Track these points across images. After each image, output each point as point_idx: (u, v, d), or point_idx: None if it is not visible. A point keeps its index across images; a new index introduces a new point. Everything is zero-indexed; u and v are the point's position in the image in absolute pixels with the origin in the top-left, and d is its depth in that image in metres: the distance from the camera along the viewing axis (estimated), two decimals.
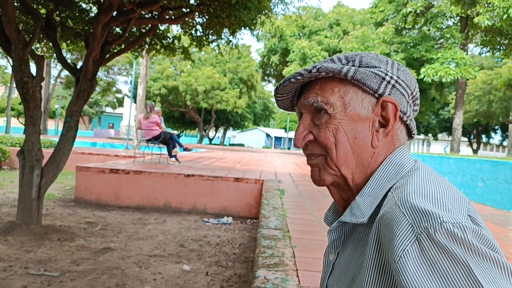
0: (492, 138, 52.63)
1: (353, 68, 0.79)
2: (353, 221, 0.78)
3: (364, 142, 0.80)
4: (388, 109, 0.80)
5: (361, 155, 0.80)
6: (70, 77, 38.86)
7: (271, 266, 2.85)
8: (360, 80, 0.79)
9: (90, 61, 5.44)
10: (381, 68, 0.81)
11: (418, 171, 0.77)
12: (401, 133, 0.83)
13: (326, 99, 0.81)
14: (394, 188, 0.75)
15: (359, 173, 0.81)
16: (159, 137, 9.77)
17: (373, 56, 0.83)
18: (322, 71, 0.80)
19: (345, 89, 0.81)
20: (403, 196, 0.67)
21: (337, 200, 0.87)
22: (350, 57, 0.83)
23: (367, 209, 0.78)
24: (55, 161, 5.44)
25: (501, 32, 20.57)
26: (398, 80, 0.81)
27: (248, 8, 5.10)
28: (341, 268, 0.81)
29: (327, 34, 27.05)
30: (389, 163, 0.80)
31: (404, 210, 0.64)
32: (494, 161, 7.13)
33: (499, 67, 33.13)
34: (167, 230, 6.09)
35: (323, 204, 6.14)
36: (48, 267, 4.17)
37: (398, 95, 0.81)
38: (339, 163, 0.80)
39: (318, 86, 0.83)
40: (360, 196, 0.80)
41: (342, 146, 0.80)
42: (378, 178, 0.79)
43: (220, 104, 37.66)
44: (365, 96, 0.80)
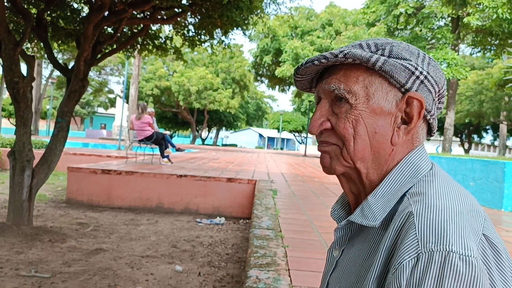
0: (484, 138, 53.06)
1: (382, 58, 0.75)
2: (363, 223, 0.75)
3: (383, 137, 0.76)
4: (413, 106, 0.75)
5: (379, 151, 0.77)
6: (61, 78, 38.60)
7: (263, 266, 2.85)
8: (388, 72, 0.75)
9: (82, 61, 5.41)
10: (411, 61, 0.76)
11: (437, 178, 0.74)
12: (422, 132, 0.80)
13: (349, 88, 0.76)
14: (411, 193, 0.72)
15: (374, 170, 0.78)
16: (151, 138, 9.74)
17: (405, 47, 0.78)
18: (349, 57, 0.75)
19: (370, 79, 0.76)
20: (421, 207, 0.65)
21: (347, 191, 0.84)
22: (380, 45, 0.78)
23: (379, 212, 0.74)
24: (46, 162, 5.41)
25: (492, 32, 20.73)
26: (427, 76, 0.76)
27: (240, 8, 5.09)
28: (346, 267, 0.79)
29: (320, 34, 27.11)
30: (406, 163, 0.77)
31: (417, 223, 0.62)
32: (485, 160, 7.18)
33: (490, 68, 33.39)
34: (159, 230, 6.07)
35: (315, 204, 6.16)
36: (39, 268, 4.14)
37: (425, 92, 0.76)
38: (355, 156, 0.76)
39: (342, 72, 0.78)
40: (373, 196, 0.76)
41: (360, 140, 0.76)
42: (394, 178, 0.76)
43: (212, 104, 37.61)
44: (390, 89, 0.76)
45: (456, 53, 22.04)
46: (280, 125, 48.49)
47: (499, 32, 19.87)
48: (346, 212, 0.88)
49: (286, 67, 25.90)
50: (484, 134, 50.63)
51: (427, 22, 22.72)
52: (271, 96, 66.89)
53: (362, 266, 0.74)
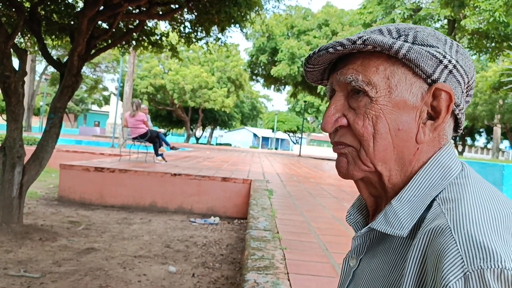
0: (477, 141, 53.35)
1: (406, 45, 0.66)
2: (389, 232, 0.66)
3: (408, 135, 0.67)
4: (441, 99, 0.66)
5: (402, 151, 0.68)
6: (55, 74, 38.34)
7: (261, 269, 2.75)
8: (414, 60, 0.66)
9: (75, 56, 5.29)
10: (439, 49, 0.67)
11: (471, 180, 0.65)
12: (449, 128, 0.71)
13: (368, 79, 0.67)
14: (442, 198, 0.63)
15: (398, 171, 0.69)
16: (146, 136, 9.63)
17: (431, 33, 0.69)
18: (368, 44, 0.66)
19: (392, 69, 0.67)
20: (458, 217, 0.56)
21: (365, 196, 0.75)
22: (403, 30, 0.69)
23: (407, 219, 0.65)
24: (38, 159, 5.29)
25: (488, 35, 20.78)
26: (456, 65, 0.67)
27: (239, 4, 5.00)
28: (367, 279, 0.70)
29: (316, 34, 27.10)
30: (435, 164, 0.68)
31: (457, 236, 0.54)
32: (482, 163, 7.14)
33: (485, 71, 33.53)
34: (152, 230, 5.97)
35: (312, 205, 6.07)
36: (28, 268, 4.03)
37: (454, 83, 0.67)
38: (375, 158, 0.68)
39: (360, 61, 0.68)
40: (398, 201, 0.67)
41: (381, 139, 0.67)
42: (421, 181, 0.67)
43: (207, 103, 37.50)
44: (415, 80, 0.67)
45: None
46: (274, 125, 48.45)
47: (495, 35, 19.93)
48: (364, 216, 0.79)
49: (282, 67, 25.84)
50: (477, 136, 50.90)
51: (424, 24, 22.73)
52: (266, 95, 66.87)
53: (388, 279, 0.65)
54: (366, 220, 0.79)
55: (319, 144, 67.24)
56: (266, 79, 30.09)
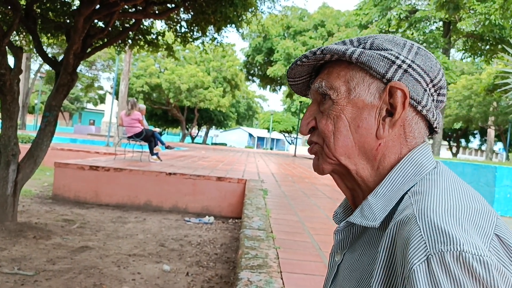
0: (471, 142, 53.57)
1: (358, 50, 0.72)
2: (363, 224, 0.71)
3: (367, 131, 0.73)
4: (396, 96, 0.71)
5: (364, 146, 0.73)
6: (50, 72, 38.16)
7: (254, 268, 2.77)
8: (366, 63, 0.72)
9: (71, 54, 5.29)
10: (392, 51, 0.73)
11: (442, 176, 0.69)
12: (416, 126, 0.74)
13: (331, 84, 0.75)
14: (412, 191, 0.68)
15: (364, 165, 0.75)
16: (141, 134, 9.63)
17: (388, 39, 0.75)
18: (326, 53, 0.74)
19: (351, 73, 0.74)
20: (423, 207, 0.60)
21: (343, 189, 0.81)
22: (363, 40, 0.76)
23: (379, 212, 0.70)
24: (32, 157, 5.28)
25: (482, 37, 20.89)
26: (412, 65, 0.72)
27: (235, 4, 5.01)
28: (348, 272, 0.75)
29: (312, 35, 27.13)
30: (409, 161, 0.72)
31: (421, 224, 0.58)
32: (476, 164, 7.19)
33: (479, 73, 33.68)
34: (147, 229, 5.97)
35: (306, 205, 6.10)
36: (22, 265, 4.03)
37: (411, 81, 0.72)
38: (337, 152, 0.74)
39: (326, 70, 0.77)
40: (373, 196, 0.72)
41: (341, 135, 0.74)
42: (395, 177, 0.72)
43: (203, 102, 37.44)
44: (372, 81, 0.73)
45: (447, 58, 22.18)
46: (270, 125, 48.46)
47: (490, 37, 20.04)
48: (348, 215, 0.83)
49: (278, 67, 25.87)
50: (471, 138, 51.10)
51: (419, 26, 22.82)
52: (262, 96, 66.93)
53: (365, 270, 0.70)
54: None
55: None
56: (262, 79, 30.12)
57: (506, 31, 19.01)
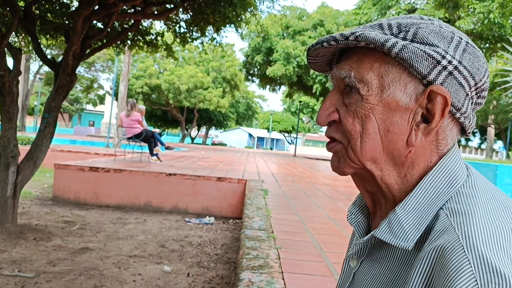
0: (471, 141, 53.57)
1: (400, 43, 0.63)
2: (393, 243, 0.64)
3: (398, 136, 0.65)
4: (436, 102, 0.63)
5: (392, 152, 0.66)
6: (50, 73, 38.15)
7: (255, 268, 2.76)
8: (407, 60, 0.63)
9: (70, 55, 5.28)
10: (438, 48, 0.63)
11: (479, 190, 0.63)
12: (450, 132, 0.67)
13: (361, 76, 0.66)
14: (449, 209, 0.61)
15: (391, 171, 0.67)
16: (141, 135, 9.62)
17: (434, 29, 0.65)
18: (361, 40, 0.64)
19: (387, 67, 0.65)
20: (470, 234, 0.55)
21: (362, 191, 0.74)
22: (404, 26, 0.66)
23: (412, 230, 0.63)
24: (32, 158, 5.27)
25: (482, 36, 20.88)
26: (458, 66, 0.63)
27: (234, 4, 5.00)
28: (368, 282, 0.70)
29: (311, 35, 27.12)
30: (440, 170, 0.65)
31: (471, 258, 0.52)
32: (476, 163, 7.18)
33: None
34: (147, 229, 5.96)
35: (307, 205, 6.09)
36: (22, 267, 4.02)
37: (454, 85, 0.64)
38: (363, 157, 0.67)
39: (356, 57, 0.67)
40: (403, 208, 0.65)
41: (369, 139, 0.66)
42: (427, 188, 0.64)
43: (202, 103, 37.46)
44: (410, 80, 0.64)
45: None
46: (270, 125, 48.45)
47: (489, 36, 20.04)
48: (365, 215, 0.77)
49: (277, 67, 25.85)
50: (471, 137, 51.07)
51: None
52: (261, 96, 66.91)
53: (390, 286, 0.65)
54: (367, 220, 0.77)
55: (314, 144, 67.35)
56: (262, 79, 30.09)
57: (506, 30, 19.01)
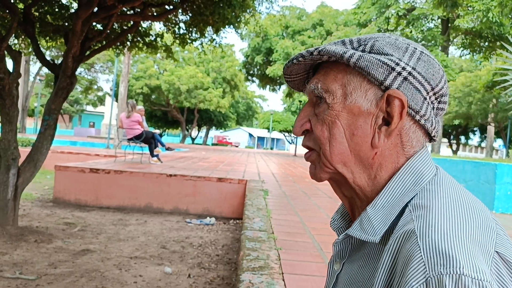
0: (471, 139, 53.55)
1: (357, 54, 0.69)
2: (362, 238, 0.69)
3: (363, 139, 0.70)
4: (394, 105, 0.68)
5: (359, 154, 0.71)
6: (50, 75, 38.18)
7: (256, 269, 2.77)
8: (364, 68, 0.69)
9: (70, 57, 5.29)
10: (393, 56, 0.69)
11: (442, 187, 0.67)
12: (414, 135, 0.71)
13: (327, 86, 0.72)
14: (413, 205, 0.65)
15: (360, 174, 0.72)
16: (141, 136, 9.63)
17: (390, 42, 0.71)
18: (323, 54, 0.70)
19: (349, 77, 0.71)
20: (425, 224, 0.59)
21: (340, 197, 0.79)
22: (363, 41, 0.72)
23: (379, 225, 0.68)
24: (33, 160, 5.28)
25: (481, 34, 20.89)
26: (412, 72, 0.69)
27: (233, 5, 5.01)
28: (347, 283, 0.73)
29: (311, 34, 27.12)
30: (407, 170, 0.70)
31: (421, 244, 0.56)
32: (475, 162, 7.18)
33: (479, 70, 33.67)
34: (148, 231, 5.97)
35: (307, 205, 6.10)
36: (24, 270, 4.03)
37: (410, 90, 0.69)
38: (333, 161, 0.72)
39: (323, 71, 0.74)
40: (372, 207, 0.70)
41: (336, 143, 0.71)
42: (394, 188, 0.69)
43: (203, 103, 37.45)
44: (370, 87, 0.70)
45: (445, 55, 22.18)
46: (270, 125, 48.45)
47: (488, 34, 20.03)
48: (346, 222, 0.82)
49: (277, 67, 25.86)
50: (471, 135, 51.08)
51: (418, 23, 22.82)
52: (261, 95, 66.91)
53: (365, 284, 0.68)
54: (348, 226, 0.81)
55: None
56: (262, 79, 30.11)
57: (505, 28, 19.01)
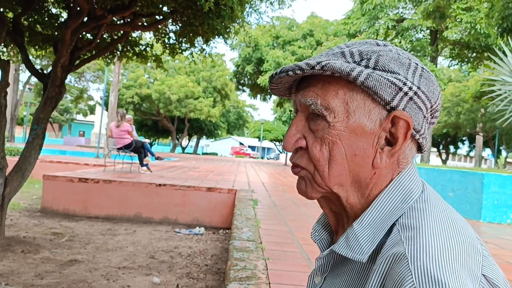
0: (460, 149, 54.01)
1: (365, 72, 0.65)
2: (349, 256, 0.67)
3: (364, 160, 0.67)
4: (399, 127, 0.66)
5: (358, 175, 0.68)
6: (39, 84, 37.94)
7: (243, 280, 2.78)
8: (372, 88, 0.65)
9: (59, 67, 5.28)
10: (399, 75, 0.66)
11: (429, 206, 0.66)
12: (410, 152, 0.70)
13: (327, 103, 0.67)
14: (401, 224, 0.64)
15: (355, 192, 0.70)
16: (130, 146, 9.60)
17: (393, 56, 0.68)
18: (327, 70, 0.65)
19: (351, 94, 0.67)
20: (415, 248, 0.58)
21: (327, 212, 0.76)
22: (366, 54, 0.68)
23: (367, 244, 0.66)
24: (20, 170, 5.24)
25: (469, 45, 21.19)
26: (417, 92, 0.67)
27: (222, 16, 5.04)
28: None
29: (301, 45, 27.29)
30: (396, 187, 0.68)
31: (413, 269, 0.55)
32: (463, 171, 7.26)
33: (467, 80, 34.09)
34: (137, 241, 5.94)
35: (296, 215, 6.11)
36: (10, 280, 3.99)
37: (414, 110, 0.67)
38: (330, 182, 0.68)
39: (320, 84, 0.68)
40: (359, 224, 0.68)
41: (336, 164, 0.67)
42: (382, 205, 0.67)
43: (193, 112, 37.44)
44: (374, 106, 0.67)
45: (434, 66, 22.44)
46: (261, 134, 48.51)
47: (476, 45, 20.33)
48: (328, 233, 0.80)
49: (268, 76, 25.94)
50: (460, 145, 51.53)
51: (407, 34, 23.10)
52: (252, 105, 67.04)
53: None
54: (331, 237, 0.80)
55: None
56: (252, 89, 30.17)
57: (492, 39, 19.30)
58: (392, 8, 23.78)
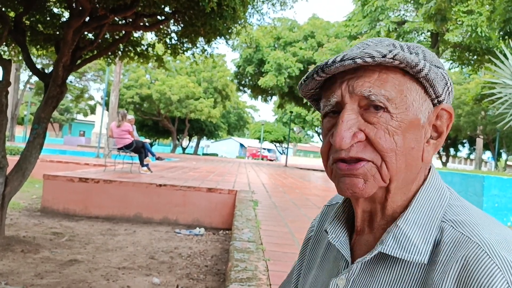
0: (460, 151, 53.99)
1: (428, 65, 0.65)
2: (406, 258, 0.64)
3: (417, 153, 0.66)
4: (444, 119, 0.68)
5: (411, 169, 0.67)
6: (40, 83, 37.97)
7: (243, 281, 2.77)
8: (431, 80, 0.66)
9: (60, 66, 5.28)
10: (444, 70, 0.68)
11: (465, 203, 0.69)
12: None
13: (389, 94, 0.65)
14: (453, 221, 0.64)
15: (401, 189, 0.68)
16: (131, 146, 9.60)
17: (432, 53, 0.70)
18: (398, 60, 0.63)
19: (408, 86, 0.66)
20: (489, 244, 0.59)
21: (359, 211, 0.72)
22: (413, 48, 0.68)
23: (422, 244, 0.64)
24: (21, 169, 5.24)
25: (470, 48, 21.19)
26: (452, 85, 0.70)
27: (224, 17, 5.05)
28: None
29: (302, 46, 27.32)
30: (432, 184, 0.69)
31: (498, 264, 0.57)
32: (463, 174, 7.25)
33: (468, 83, 34.10)
34: (137, 241, 5.93)
35: (296, 216, 6.10)
36: (10, 280, 3.98)
37: (450, 103, 0.70)
38: (395, 175, 0.65)
39: (376, 75, 0.65)
40: (404, 222, 0.66)
41: (401, 155, 0.65)
42: (424, 202, 0.67)
43: (194, 113, 37.47)
44: (426, 98, 0.67)
45: None
46: (261, 135, 48.51)
47: (477, 48, 20.33)
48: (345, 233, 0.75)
49: (269, 78, 25.97)
50: (460, 147, 51.52)
51: (408, 37, 23.10)
52: (252, 106, 67.04)
53: None
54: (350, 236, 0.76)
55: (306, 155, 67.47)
56: (253, 90, 30.19)
57: (493, 42, 19.31)
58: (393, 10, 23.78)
